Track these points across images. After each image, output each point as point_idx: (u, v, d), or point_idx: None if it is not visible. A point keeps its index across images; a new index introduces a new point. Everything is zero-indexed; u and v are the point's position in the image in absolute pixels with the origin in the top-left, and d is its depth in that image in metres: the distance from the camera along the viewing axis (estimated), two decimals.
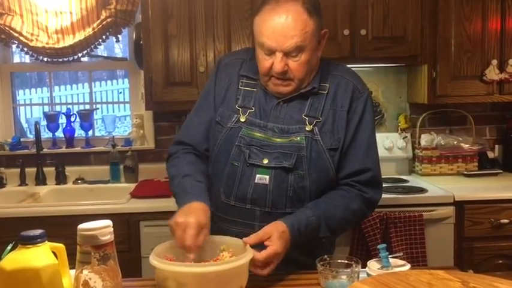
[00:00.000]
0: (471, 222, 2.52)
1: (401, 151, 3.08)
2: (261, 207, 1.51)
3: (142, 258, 2.50)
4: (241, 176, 1.52)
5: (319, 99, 1.56)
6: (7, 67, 3.21)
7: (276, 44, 1.45)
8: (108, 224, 1.06)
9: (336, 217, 1.50)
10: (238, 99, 1.59)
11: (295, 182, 1.50)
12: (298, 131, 1.52)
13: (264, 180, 1.50)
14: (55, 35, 2.97)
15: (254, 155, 1.51)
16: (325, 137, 1.52)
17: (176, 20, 2.68)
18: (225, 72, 1.65)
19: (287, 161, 1.49)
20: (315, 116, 1.54)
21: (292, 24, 1.43)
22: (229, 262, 1.22)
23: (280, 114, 1.55)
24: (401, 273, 1.04)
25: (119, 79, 6.95)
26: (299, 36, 1.44)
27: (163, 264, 1.19)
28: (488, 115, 3.22)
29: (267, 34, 1.45)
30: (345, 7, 2.69)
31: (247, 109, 1.57)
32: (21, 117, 3.78)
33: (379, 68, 3.13)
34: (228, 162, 1.54)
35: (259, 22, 1.48)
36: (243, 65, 1.63)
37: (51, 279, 1.01)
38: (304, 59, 1.48)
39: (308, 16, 1.45)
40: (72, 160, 3.11)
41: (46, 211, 2.48)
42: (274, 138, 1.52)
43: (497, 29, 2.78)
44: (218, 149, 1.57)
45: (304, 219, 1.44)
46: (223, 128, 1.57)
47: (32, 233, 1.02)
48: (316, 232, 1.47)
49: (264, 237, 1.35)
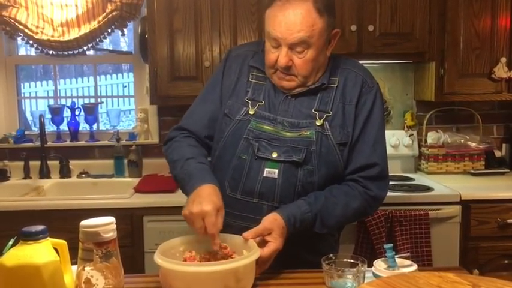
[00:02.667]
0: (477, 222, 2.50)
1: (408, 149, 3.06)
2: (268, 201, 1.49)
3: (145, 253, 2.49)
4: (249, 170, 1.50)
5: (328, 93, 1.55)
6: (12, 59, 3.20)
7: (281, 35, 1.45)
8: (111, 221, 1.04)
9: (334, 215, 1.49)
10: (248, 91, 1.58)
11: (304, 177, 1.49)
12: (308, 125, 1.51)
13: (273, 174, 1.48)
14: (60, 28, 2.96)
15: (263, 148, 1.50)
16: (335, 132, 1.51)
17: (182, 14, 2.66)
18: (235, 63, 1.63)
19: (297, 155, 1.48)
20: (325, 110, 1.52)
21: (300, 19, 1.43)
22: (243, 259, 1.21)
23: (289, 108, 1.54)
24: (410, 276, 1.02)
25: (124, 73, 6.94)
26: (306, 32, 1.43)
27: (177, 266, 1.18)
28: (496, 113, 3.19)
29: (273, 25, 1.46)
30: (352, 2, 2.66)
31: (257, 102, 1.56)
32: (26, 110, 3.77)
33: (386, 65, 3.10)
34: (234, 155, 1.52)
35: (270, 14, 1.48)
36: (254, 57, 1.62)
37: (52, 276, 0.99)
38: (310, 57, 1.47)
39: (318, 15, 1.45)
40: (76, 154, 3.11)
41: (50, 205, 2.48)
42: (283, 132, 1.51)
43: (507, 26, 2.74)
44: (225, 142, 1.56)
45: (300, 214, 1.43)
46: (232, 120, 1.55)
47: (33, 228, 1.00)
48: (310, 228, 1.47)
49: (264, 233, 1.35)
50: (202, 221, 1.30)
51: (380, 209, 2.37)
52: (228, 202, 1.52)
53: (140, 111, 3.12)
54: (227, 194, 1.53)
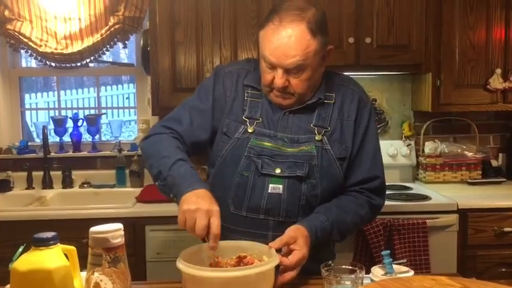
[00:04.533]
0: (474, 230, 2.53)
1: (405, 158, 3.10)
2: (274, 217, 1.52)
3: (147, 262, 2.51)
4: (253, 186, 1.52)
5: (326, 109, 1.58)
6: (16, 72, 3.25)
7: (277, 61, 1.46)
8: (119, 227, 1.09)
9: (346, 222, 1.54)
10: (245, 110, 1.58)
11: (308, 191, 1.52)
12: (308, 140, 1.54)
13: (278, 190, 1.51)
14: (64, 41, 3.01)
15: (266, 165, 1.52)
16: (334, 146, 1.55)
17: (183, 27, 2.71)
18: (229, 80, 1.62)
19: (300, 170, 1.51)
20: (324, 125, 1.56)
21: (294, 44, 1.43)
22: (262, 265, 1.21)
23: (288, 124, 1.56)
24: (404, 279, 1.05)
25: (124, 84, 6.99)
26: (300, 56, 1.44)
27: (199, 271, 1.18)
28: (492, 124, 3.23)
29: (269, 50, 1.46)
30: (350, 15, 2.72)
31: (255, 120, 1.57)
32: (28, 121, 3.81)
33: (384, 76, 3.15)
34: (236, 173, 1.53)
35: (264, 36, 1.49)
36: (247, 75, 1.63)
37: (63, 281, 1.03)
38: (306, 76, 1.49)
39: (311, 36, 1.45)
40: (78, 164, 3.14)
41: (53, 215, 2.50)
42: (284, 148, 1.53)
43: (502, 38, 2.79)
44: (223, 160, 1.56)
45: (320, 223, 1.46)
46: (230, 138, 1.56)
47: (45, 235, 1.04)
48: (329, 236, 1.50)
49: (290, 241, 1.37)
50: (207, 219, 1.28)
51: (378, 217, 2.41)
52: (233, 220, 1.54)
53: (142, 122, 3.16)
54: (231, 211, 1.54)
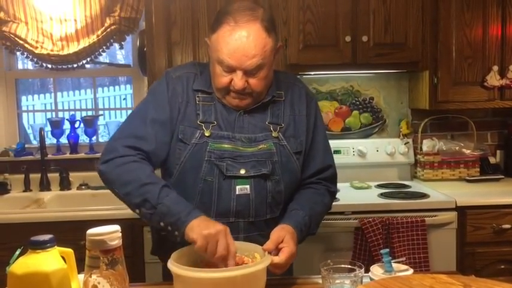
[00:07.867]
0: (473, 228, 2.53)
1: (403, 156, 3.10)
2: (244, 218, 1.52)
3: (146, 263, 2.51)
4: (219, 191, 1.50)
5: (278, 106, 1.62)
6: (12, 74, 3.24)
7: (237, 63, 1.45)
8: (117, 229, 1.08)
9: (318, 213, 1.59)
10: (199, 114, 1.55)
11: (273, 188, 1.54)
12: (265, 138, 1.56)
13: (246, 190, 1.51)
14: (60, 42, 3.00)
15: (230, 167, 1.50)
16: (290, 142, 1.59)
17: (179, 27, 2.71)
18: (179, 86, 1.58)
19: (264, 168, 1.52)
20: (278, 122, 1.59)
21: (253, 43, 1.44)
22: (256, 265, 1.23)
23: (244, 124, 1.56)
24: (404, 277, 1.05)
25: (121, 85, 6.97)
26: (260, 55, 1.45)
27: (194, 272, 1.19)
28: (489, 121, 3.23)
29: (227, 53, 1.45)
30: (346, 14, 2.71)
31: (210, 123, 1.55)
32: (24, 123, 3.80)
33: (381, 74, 3.15)
34: (198, 179, 1.50)
35: (218, 39, 1.47)
36: (195, 80, 1.60)
37: (61, 284, 1.02)
38: (263, 75, 1.51)
39: (267, 34, 1.47)
40: (76, 166, 3.13)
41: (50, 217, 2.49)
42: (244, 148, 1.53)
43: (498, 35, 2.79)
44: (182, 167, 1.52)
45: (301, 219, 1.50)
46: (187, 145, 1.52)
47: (41, 238, 1.04)
48: (308, 230, 1.54)
49: (278, 241, 1.38)
50: (225, 238, 1.29)
51: (377, 216, 2.42)
52: None
53: None
54: None
